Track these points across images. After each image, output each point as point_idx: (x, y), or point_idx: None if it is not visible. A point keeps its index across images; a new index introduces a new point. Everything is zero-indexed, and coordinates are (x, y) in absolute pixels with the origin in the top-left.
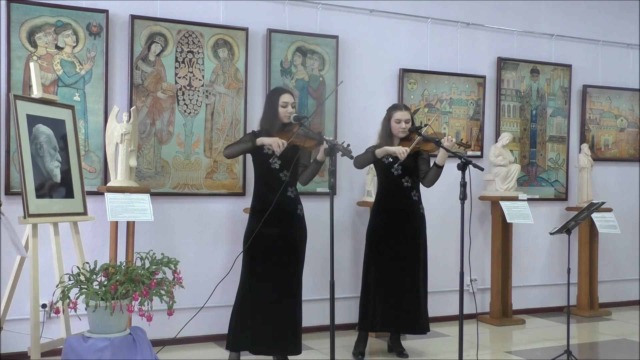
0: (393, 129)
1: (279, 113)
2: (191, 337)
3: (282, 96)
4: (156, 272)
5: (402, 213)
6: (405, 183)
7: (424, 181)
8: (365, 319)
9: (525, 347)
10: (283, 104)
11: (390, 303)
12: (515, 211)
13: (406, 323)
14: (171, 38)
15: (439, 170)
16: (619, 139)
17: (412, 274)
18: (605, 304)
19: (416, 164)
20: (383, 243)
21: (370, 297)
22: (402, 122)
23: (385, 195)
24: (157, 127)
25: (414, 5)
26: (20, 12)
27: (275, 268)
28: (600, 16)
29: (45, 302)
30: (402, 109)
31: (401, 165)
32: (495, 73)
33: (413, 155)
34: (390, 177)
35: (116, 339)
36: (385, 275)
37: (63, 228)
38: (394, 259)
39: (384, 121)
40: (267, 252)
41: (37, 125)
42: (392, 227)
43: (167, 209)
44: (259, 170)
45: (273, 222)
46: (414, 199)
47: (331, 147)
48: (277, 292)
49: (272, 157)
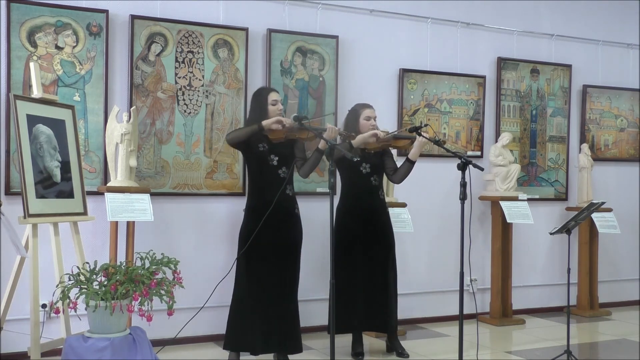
0: (362, 127)
1: (270, 111)
2: (191, 337)
3: (270, 94)
4: (156, 272)
5: (371, 212)
6: (374, 182)
7: (394, 177)
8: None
9: (525, 347)
10: (273, 102)
11: (362, 303)
12: (515, 211)
13: (377, 322)
14: (171, 38)
15: (411, 165)
16: (619, 139)
17: (382, 273)
18: (605, 304)
19: (383, 162)
20: (355, 243)
21: (342, 298)
22: (372, 119)
23: (352, 194)
24: (157, 127)
25: (414, 5)
26: (20, 12)
27: (273, 268)
28: (600, 16)
29: (45, 302)
30: (370, 107)
31: (368, 163)
32: (495, 73)
33: (379, 153)
34: (359, 175)
35: (116, 339)
36: (355, 275)
37: (63, 228)
38: (367, 259)
39: (349, 121)
40: (266, 251)
41: (37, 125)
42: (363, 226)
43: (167, 209)
44: (255, 168)
45: (272, 222)
46: (381, 197)
47: (331, 147)
48: (276, 292)
49: (268, 153)
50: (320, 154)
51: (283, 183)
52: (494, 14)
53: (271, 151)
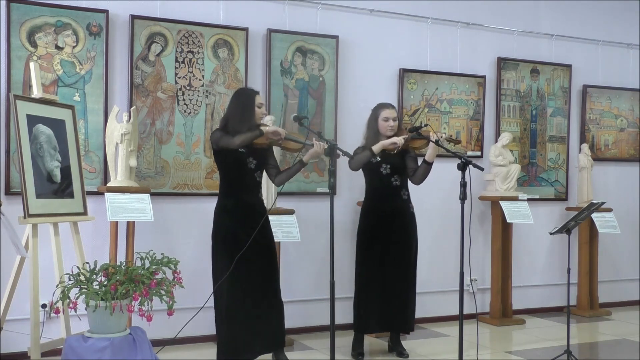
0: (381, 128)
1: (256, 114)
2: (191, 337)
3: (257, 97)
4: (156, 272)
5: (392, 213)
6: (395, 182)
7: (413, 178)
8: (360, 320)
9: (525, 347)
10: (259, 104)
11: (383, 303)
12: (515, 211)
13: (398, 322)
14: (171, 38)
15: (429, 167)
16: (619, 139)
17: (403, 274)
18: (605, 304)
19: (404, 162)
20: (375, 243)
21: (363, 298)
22: (390, 120)
23: (374, 195)
24: (157, 127)
25: (414, 5)
26: (20, 12)
27: (256, 268)
28: (600, 16)
29: (45, 302)
30: (389, 107)
31: (389, 164)
32: (495, 73)
33: (400, 154)
34: (380, 176)
35: (116, 339)
36: (377, 275)
37: (63, 228)
38: (386, 259)
39: (370, 121)
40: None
41: (37, 125)
42: (382, 227)
43: (167, 209)
44: (232, 170)
45: (249, 223)
46: (403, 198)
47: (331, 147)
48: (260, 292)
49: (247, 156)
50: (301, 166)
51: (259, 186)
52: (494, 14)
53: (249, 154)
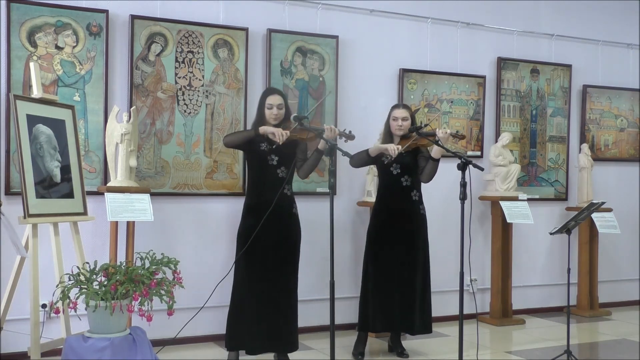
0: (391, 128)
1: (265, 115)
2: (191, 337)
3: (268, 97)
4: (156, 272)
5: (401, 213)
6: (405, 182)
7: (422, 176)
8: (365, 319)
9: (525, 347)
10: (268, 105)
11: (390, 303)
12: (515, 211)
13: (405, 323)
14: (171, 38)
15: (436, 164)
16: (619, 139)
17: (411, 275)
18: (605, 304)
19: (416, 162)
20: (382, 243)
21: (369, 298)
22: (399, 120)
23: (385, 194)
24: (157, 127)
25: (414, 5)
26: (20, 12)
27: (272, 267)
28: (600, 16)
29: (45, 302)
30: (400, 107)
31: (399, 164)
32: (495, 73)
33: (412, 154)
34: (390, 176)
35: (116, 339)
36: (384, 275)
37: (63, 228)
38: (393, 259)
39: (386, 121)
40: (264, 251)
41: (37, 125)
42: (391, 227)
43: (167, 209)
44: (254, 167)
45: (271, 221)
46: (413, 199)
47: (331, 147)
48: (274, 292)
49: (269, 153)
50: (320, 155)
51: (282, 183)
52: (494, 14)
53: (271, 151)
